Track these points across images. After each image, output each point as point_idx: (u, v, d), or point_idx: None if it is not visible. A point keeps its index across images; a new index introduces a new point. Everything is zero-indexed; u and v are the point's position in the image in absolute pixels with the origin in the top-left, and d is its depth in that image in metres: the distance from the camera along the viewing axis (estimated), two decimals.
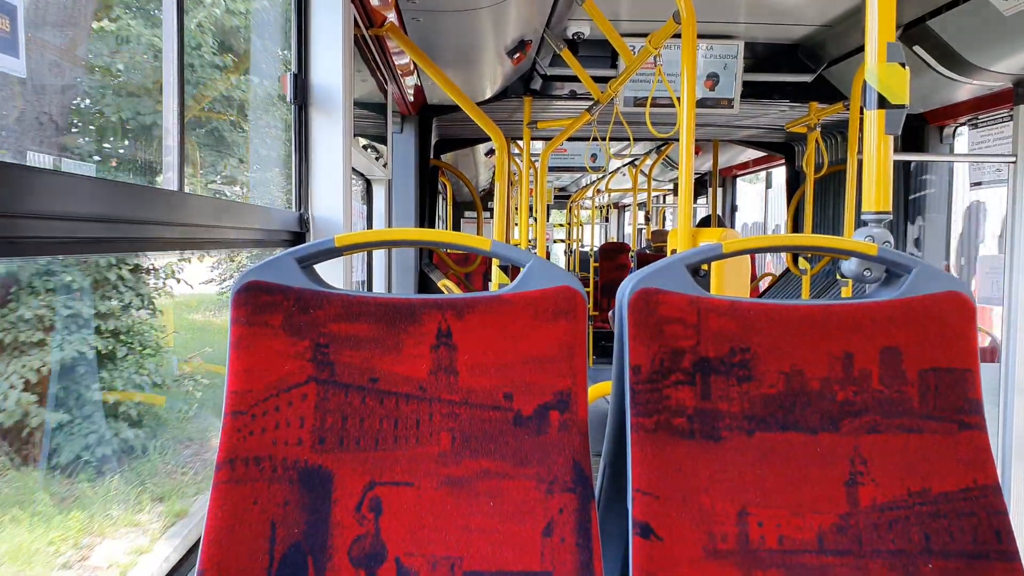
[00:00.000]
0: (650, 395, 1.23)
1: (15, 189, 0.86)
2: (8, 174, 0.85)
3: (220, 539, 1.14)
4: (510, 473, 1.21)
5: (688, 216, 2.45)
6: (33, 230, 0.91)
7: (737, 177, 9.61)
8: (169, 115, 1.41)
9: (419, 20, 3.06)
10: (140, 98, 4.41)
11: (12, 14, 0.90)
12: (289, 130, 2.25)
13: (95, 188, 1.05)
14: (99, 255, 1.15)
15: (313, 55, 2.20)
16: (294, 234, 2.15)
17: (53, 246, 0.99)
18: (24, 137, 3.11)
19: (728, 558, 1.19)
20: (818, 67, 4.49)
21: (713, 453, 1.23)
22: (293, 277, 1.24)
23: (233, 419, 1.19)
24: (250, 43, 5.38)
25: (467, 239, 1.33)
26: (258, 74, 5.12)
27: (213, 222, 1.59)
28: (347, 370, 1.23)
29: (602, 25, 3.26)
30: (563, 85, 4.81)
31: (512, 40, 3.64)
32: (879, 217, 1.41)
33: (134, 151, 4.54)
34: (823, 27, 4.17)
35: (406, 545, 1.18)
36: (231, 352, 1.20)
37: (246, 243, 1.85)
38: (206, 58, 5.26)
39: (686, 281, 1.28)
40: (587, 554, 1.17)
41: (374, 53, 3.19)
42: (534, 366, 1.24)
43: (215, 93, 5.66)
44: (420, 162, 5.03)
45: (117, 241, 1.16)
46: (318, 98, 2.22)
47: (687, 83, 2.47)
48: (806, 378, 1.26)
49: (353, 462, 1.20)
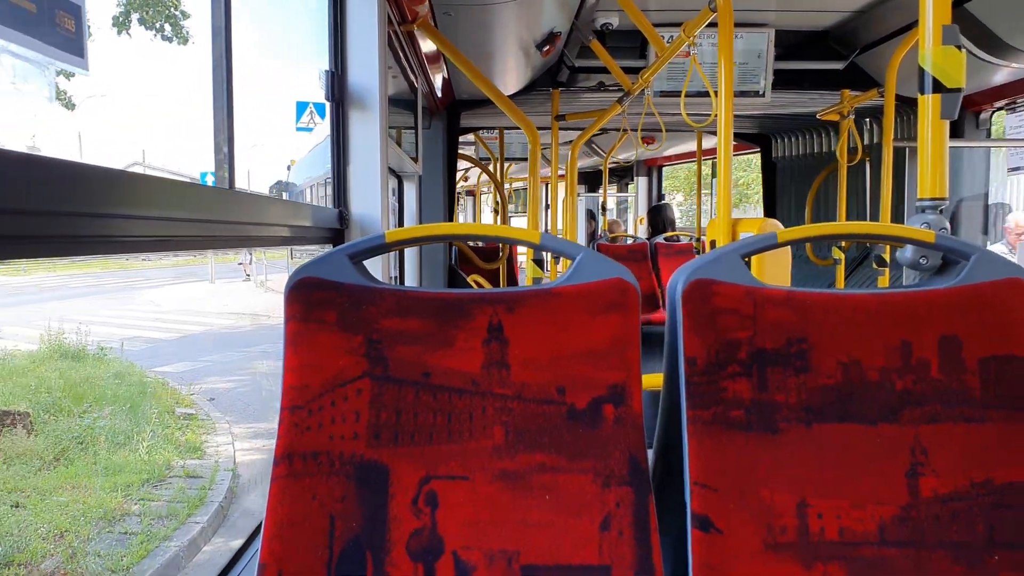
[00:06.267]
0: (707, 387, 1.22)
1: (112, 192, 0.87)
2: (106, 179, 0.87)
3: (281, 533, 1.15)
4: (565, 467, 1.20)
5: (727, 207, 2.43)
6: (121, 229, 0.93)
7: (663, 167, 9.93)
8: (219, 114, 1.42)
9: (450, 15, 3.05)
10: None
11: (76, 14, 0.91)
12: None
13: (159, 188, 1.06)
14: (160, 252, 1.17)
15: (349, 53, 2.20)
16: (334, 231, 2.16)
17: (134, 244, 1.00)
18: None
19: (788, 551, 1.18)
20: (850, 54, 4.43)
21: (771, 445, 1.22)
22: (345, 273, 1.24)
23: (290, 414, 1.19)
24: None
25: (517, 232, 1.32)
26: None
27: (259, 219, 1.60)
28: (400, 365, 1.23)
29: (633, 15, 3.23)
30: (590, 77, 4.79)
31: (542, 32, 3.62)
32: (935, 203, 1.39)
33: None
34: (856, 13, 4.12)
35: (463, 539, 1.18)
36: (287, 348, 1.21)
37: (289, 240, 1.86)
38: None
39: (741, 271, 1.26)
40: (646, 548, 1.16)
41: (405, 49, 3.19)
42: (587, 360, 1.24)
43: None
44: (448, 157, 5.03)
45: (177, 240, 1.17)
46: (354, 96, 2.22)
47: (724, 72, 2.45)
48: (864, 368, 1.24)
49: (408, 456, 1.20)
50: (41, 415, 7.72)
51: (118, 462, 6.85)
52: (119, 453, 7.07)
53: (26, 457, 6.72)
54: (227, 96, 1.41)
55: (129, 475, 6.57)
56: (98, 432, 7.34)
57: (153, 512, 5.92)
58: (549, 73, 4.69)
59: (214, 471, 6.82)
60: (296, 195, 7.42)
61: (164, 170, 18.91)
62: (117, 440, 7.32)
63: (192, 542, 5.47)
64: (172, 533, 5.55)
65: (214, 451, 7.43)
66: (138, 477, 6.54)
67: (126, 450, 7.15)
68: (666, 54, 3.21)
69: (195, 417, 8.43)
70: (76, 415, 7.86)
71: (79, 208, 0.88)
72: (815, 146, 6.37)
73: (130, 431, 7.56)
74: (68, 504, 5.91)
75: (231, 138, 1.43)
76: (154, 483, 6.53)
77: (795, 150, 6.67)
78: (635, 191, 10.72)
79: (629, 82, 3.92)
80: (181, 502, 6.08)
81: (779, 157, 6.87)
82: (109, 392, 8.75)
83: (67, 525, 5.53)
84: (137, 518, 5.81)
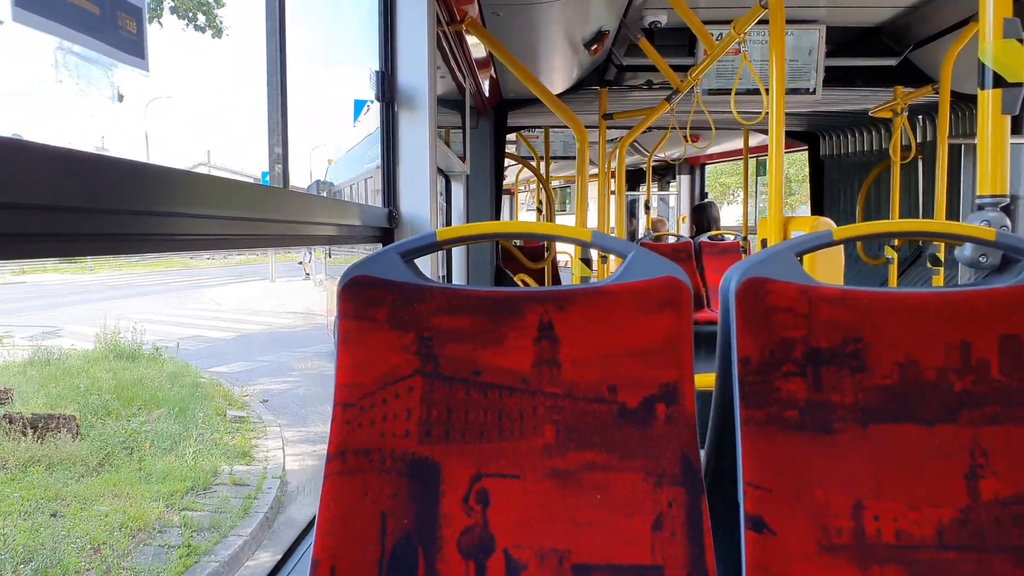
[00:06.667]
0: (760, 387, 1.20)
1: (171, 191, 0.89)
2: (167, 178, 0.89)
3: (333, 530, 1.16)
4: (616, 466, 1.20)
5: (779, 205, 2.39)
6: (180, 228, 0.95)
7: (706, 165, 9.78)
8: (274, 114, 1.44)
9: (499, 15, 3.06)
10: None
11: (138, 16, 0.93)
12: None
13: (216, 187, 1.08)
14: (216, 250, 1.19)
15: (399, 53, 2.22)
16: (383, 230, 2.18)
17: (191, 242, 1.02)
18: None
19: (843, 553, 1.15)
20: (903, 50, 4.34)
21: (825, 446, 1.20)
22: (397, 271, 1.25)
23: (343, 411, 1.20)
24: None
25: (568, 231, 1.32)
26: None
27: (311, 218, 1.62)
28: (451, 363, 1.23)
29: (682, 12, 3.21)
30: (636, 75, 4.76)
31: (590, 31, 3.61)
32: (996, 200, 1.35)
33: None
34: (909, 8, 4.03)
35: (514, 537, 1.18)
36: (339, 346, 1.22)
37: (339, 239, 1.88)
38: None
39: (795, 270, 1.24)
40: (699, 548, 1.15)
41: (453, 49, 3.21)
42: (638, 358, 1.23)
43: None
44: (496, 156, 5.04)
45: (233, 238, 1.19)
46: (404, 96, 2.24)
47: (776, 70, 2.42)
48: (921, 368, 1.22)
49: (459, 454, 1.21)
50: (88, 418, 7.57)
51: (163, 469, 6.71)
52: (165, 459, 6.93)
53: (69, 463, 6.58)
54: (281, 97, 1.43)
55: (174, 483, 6.42)
56: (144, 436, 7.19)
57: (195, 523, 5.75)
58: (596, 72, 4.67)
59: (261, 478, 6.67)
60: (334, 194, 7.50)
61: (228, 170, 19.22)
62: (164, 445, 7.18)
63: (233, 557, 5.31)
64: (213, 547, 5.38)
65: (263, 456, 7.26)
66: (183, 485, 6.39)
67: (172, 455, 7.00)
68: (716, 52, 3.17)
69: (246, 420, 8.29)
70: (124, 418, 7.71)
71: (142, 207, 0.90)
72: (865, 144, 6.26)
73: (178, 435, 7.40)
74: (108, 514, 5.76)
75: (285, 139, 1.45)
76: (199, 491, 6.36)
77: (844, 148, 6.56)
78: (677, 189, 10.66)
79: (678, 80, 3.89)
80: (225, 512, 5.92)
81: (827, 155, 6.77)
82: (160, 394, 8.61)
83: (104, 537, 5.38)
84: (178, 529, 5.65)
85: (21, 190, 0.70)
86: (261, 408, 8.78)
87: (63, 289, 17.53)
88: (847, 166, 6.51)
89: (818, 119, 6.30)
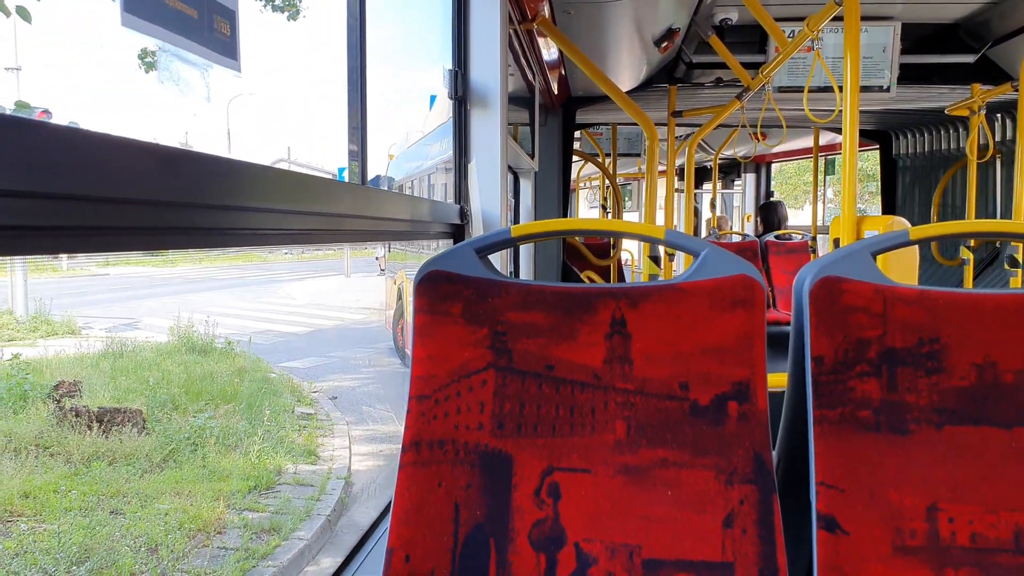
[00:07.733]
0: (834, 387, 1.19)
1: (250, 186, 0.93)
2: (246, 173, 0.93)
3: (408, 519, 1.19)
4: (688, 463, 1.20)
5: (853, 204, 2.35)
6: (258, 222, 0.99)
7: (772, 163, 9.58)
8: (354, 115, 1.48)
9: (569, 13, 3.07)
10: None
11: (231, 19, 0.97)
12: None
13: (293, 183, 1.12)
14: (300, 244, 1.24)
15: (472, 52, 2.25)
16: (454, 226, 2.21)
17: (263, 237, 1.06)
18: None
19: (917, 555, 1.14)
20: (981, 47, 4.20)
21: (900, 447, 1.18)
22: (471, 267, 1.28)
23: (418, 403, 1.23)
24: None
25: (640, 228, 1.33)
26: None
27: (384, 214, 1.66)
28: (524, 357, 1.25)
29: (754, 9, 3.16)
30: (705, 72, 4.71)
31: (660, 29, 3.59)
32: None
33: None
34: (988, 4, 3.90)
35: (585, 531, 1.19)
36: (415, 339, 1.25)
37: (412, 235, 1.91)
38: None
39: (871, 269, 1.23)
40: (770, 547, 1.15)
41: (524, 47, 3.23)
42: (711, 356, 1.23)
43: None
44: (564, 153, 5.05)
45: (309, 233, 1.23)
46: (476, 94, 2.27)
47: (850, 68, 2.37)
48: (1000, 370, 1.19)
49: (531, 447, 1.22)
50: (156, 412, 7.38)
51: (227, 466, 6.47)
52: (230, 456, 6.70)
53: (133, 458, 6.37)
54: (361, 96, 1.47)
55: (237, 481, 6.18)
56: (209, 433, 6.97)
57: (255, 524, 5.52)
58: (665, 69, 4.64)
59: (325, 479, 6.44)
60: (394, 189, 7.53)
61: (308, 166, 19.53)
62: (229, 442, 6.94)
63: (292, 562, 5.11)
64: (272, 551, 5.18)
65: (329, 455, 7.05)
66: (245, 484, 6.14)
67: (237, 453, 6.77)
68: (788, 49, 3.13)
69: (314, 417, 8.10)
70: (191, 413, 7.50)
71: (230, 202, 0.94)
72: (939, 143, 6.07)
73: (245, 431, 7.20)
74: (168, 513, 5.56)
75: (364, 136, 1.49)
76: (262, 491, 6.12)
77: (918, 147, 6.37)
78: (743, 188, 10.48)
79: (749, 77, 3.84)
80: (286, 513, 5.70)
81: (900, 154, 6.58)
82: (230, 389, 8.41)
83: (162, 537, 5.18)
84: (238, 531, 5.42)
85: (116, 185, 0.73)
86: (330, 405, 8.64)
87: (145, 282, 17.92)
88: (921, 166, 6.33)
89: (891, 117, 6.14)
